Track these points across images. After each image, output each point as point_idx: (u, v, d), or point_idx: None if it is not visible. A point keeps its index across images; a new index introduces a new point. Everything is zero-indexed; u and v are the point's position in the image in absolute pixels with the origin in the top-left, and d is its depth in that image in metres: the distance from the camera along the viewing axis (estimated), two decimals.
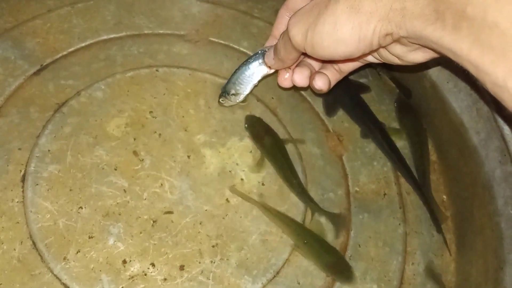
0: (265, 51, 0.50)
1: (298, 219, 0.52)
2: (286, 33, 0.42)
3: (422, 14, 0.32)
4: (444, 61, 0.57)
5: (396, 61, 0.42)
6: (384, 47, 0.40)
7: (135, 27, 0.61)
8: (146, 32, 0.61)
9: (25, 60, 0.56)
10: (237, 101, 0.55)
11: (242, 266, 0.49)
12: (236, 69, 0.53)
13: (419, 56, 0.40)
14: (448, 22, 0.31)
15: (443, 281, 0.55)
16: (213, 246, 0.49)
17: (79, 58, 0.57)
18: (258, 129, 0.56)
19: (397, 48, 0.40)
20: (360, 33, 0.36)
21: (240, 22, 0.64)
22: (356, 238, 0.53)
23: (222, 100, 0.56)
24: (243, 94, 0.54)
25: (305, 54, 0.44)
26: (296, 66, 0.49)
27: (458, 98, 0.57)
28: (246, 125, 0.56)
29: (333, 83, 0.50)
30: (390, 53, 0.42)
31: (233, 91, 0.54)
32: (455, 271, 0.56)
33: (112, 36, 0.60)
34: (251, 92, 0.55)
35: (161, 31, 0.61)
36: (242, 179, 0.53)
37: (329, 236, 0.52)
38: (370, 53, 0.40)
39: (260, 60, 0.51)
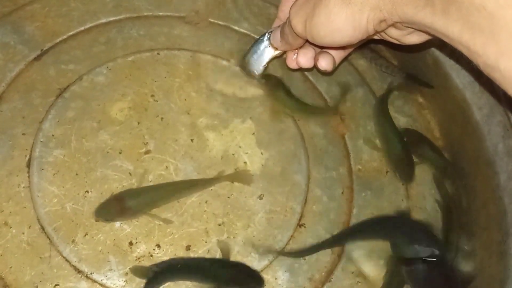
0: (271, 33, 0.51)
1: (300, 199, 0.53)
2: (289, 21, 0.43)
3: (411, 1, 0.33)
4: None
5: (394, 41, 0.43)
6: (380, 32, 0.41)
7: (134, 9, 0.60)
8: (145, 14, 0.60)
9: (25, 45, 0.56)
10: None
11: (249, 243, 0.49)
12: (247, 52, 0.54)
13: (414, 38, 0.41)
14: (438, 7, 0.31)
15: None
16: (219, 225, 0.50)
17: (79, 42, 0.57)
18: None
19: (393, 32, 0.41)
20: (354, 22, 0.37)
21: (240, 2, 0.64)
22: (359, 215, 0.54)
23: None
24: (255, 76, 0.56)
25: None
26: (300, 47, 0.49)
27: (460, 74, 0.57)
28: None
29: (338, 61, 0.50)
30: (387, 35, 0.43)
31: (245, 73, 0.56)
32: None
33: (111, 19, 0.59)
34: (264, 71, 0.56)
35: (160, 13, 0.61)
36: (245, 162, 0.54)
37: None
38: (368, 37, 0.41)
39: (267, 43, 0.52)
